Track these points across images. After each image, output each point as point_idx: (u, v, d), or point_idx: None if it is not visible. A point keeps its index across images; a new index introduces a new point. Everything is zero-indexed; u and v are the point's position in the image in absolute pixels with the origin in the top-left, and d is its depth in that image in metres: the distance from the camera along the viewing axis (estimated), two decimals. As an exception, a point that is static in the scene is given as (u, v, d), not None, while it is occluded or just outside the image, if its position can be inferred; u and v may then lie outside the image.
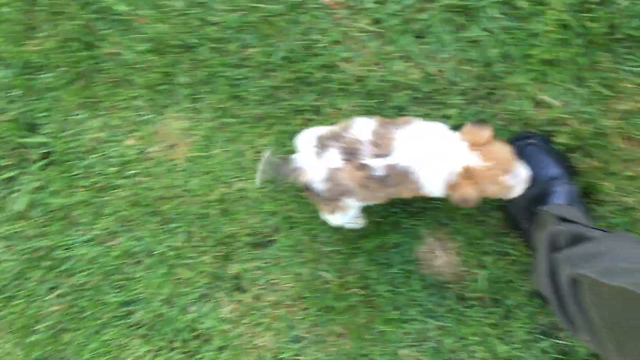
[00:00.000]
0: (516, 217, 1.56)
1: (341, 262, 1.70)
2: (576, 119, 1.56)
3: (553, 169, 1.54)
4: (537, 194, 1.54)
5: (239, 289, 1.78)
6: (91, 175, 1.84)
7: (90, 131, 1.84)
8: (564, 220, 1.35)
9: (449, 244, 1.67)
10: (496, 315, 1.62)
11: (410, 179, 1.30)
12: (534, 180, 1.53)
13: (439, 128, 1.35)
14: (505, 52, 1.60)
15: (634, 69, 1.51)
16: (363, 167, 1.30)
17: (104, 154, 1.83)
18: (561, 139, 1.55)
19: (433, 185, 1.32)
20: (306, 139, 1.41)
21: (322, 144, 1.35)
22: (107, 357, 1.83)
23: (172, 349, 1.82)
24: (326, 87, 1.69)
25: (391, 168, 1.29)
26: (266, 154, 1.41)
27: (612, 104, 1.54)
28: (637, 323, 0.89)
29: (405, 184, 1.32)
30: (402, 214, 1.69)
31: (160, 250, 1.80)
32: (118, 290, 1.84)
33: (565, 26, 1.56)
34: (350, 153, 1.31)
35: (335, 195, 1.37)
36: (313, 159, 1.36)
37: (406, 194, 1.37)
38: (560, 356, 1.58)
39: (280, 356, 1.75)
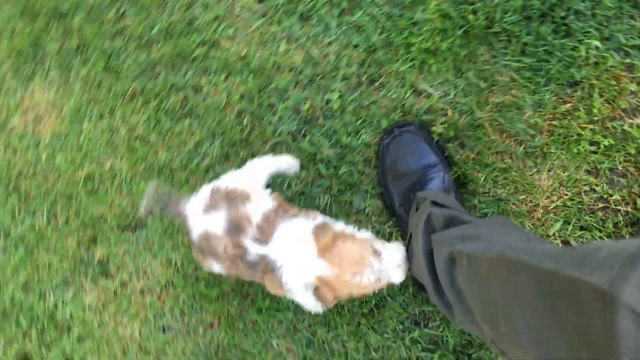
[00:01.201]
0: (393, 204, 1.57)
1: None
2: (453, 109, 1.59)
3: (430, 157, 1.56)
4: (413, 182, 1.56)
5: (105, 274, 1.70)
6: (-57, 146, 1.70)
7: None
8: (439, 205, 1.37)
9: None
10: (369, 305, 1.61)
11: (275, 275, 1.29)
12: (411, 169, 1.54)
13: (308, 227, 1.31)
14: (388, 39, 1.60)
15: (508, 62, 1.56)
16: (239, 246, 1.29)
17: (-42, 124, 1.69)
18: (438, 129, 1.58)
19: (291, 285, 1.30)
20: (205, 190, 1.37)
21: (214, 200, 1.32)
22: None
23: (28, 340, 1.70)
24: (206, 65, 1.64)
25: (263, 258, 1.29)
26: (153, 185, 1.37)
27: (487, 97, 1.58)
28: (510, 294, 0.90)
29: (271, 278, 1.31)
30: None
31: (19, 232, 1.68)
32: (-32, 274, 1.69)
33: (446, 16, 1.59)
34: (235, 228, 1.29)
35: (205, 253, 1.35)
36: (199, 209, 1.32)
37: (269, 286, 1.36)
38: (431, 346, 1.59)
39: (147, 346, 1.67)
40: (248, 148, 1.66)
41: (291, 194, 1.65)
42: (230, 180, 1.39)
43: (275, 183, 1.65)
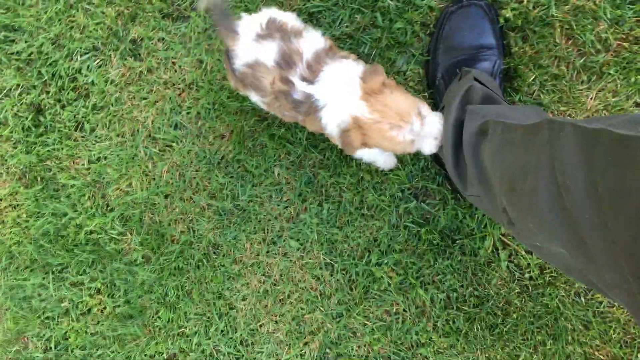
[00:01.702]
0: (435, 74, 1.55)
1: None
2: (530, -2, 1.53)
3: (489, 38, 1.55)
4: (464, 58, 1.56)
5: (135, 55, 1.72)
6: None
7: None
8: (481, 84, 1.35)
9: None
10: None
11: (317, 116, 1.31)
12: (466, 44, 1.51)
13: (356, 70, 1.30)
14: None
15: (605, -33, 1.47)
16: (287, 81, 1.30)
17: None
18: (508, 13, 1.53)
19: (330, 127, 1.32)
20: (262, 17, 1.34)
21: (269, 30, 1.32)
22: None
23: (45, 92, 1.74)
24: None
25: (308, 97, 1.30)
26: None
27: (569, -4, 1.52)
28: (545, 157, 0.96)
29: (313, 118, 1.33)
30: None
31: (63, -16, 1.66)
32: (4, 11, 1.71)
33: None
34: (286, 61, 1.29)
35: (245, 84, 1.37)
36: (252, 35, 1.31)
37: (311, 127, 1.40)
38: (421, 221, 1.65)
39: (155, 136, 1.71)
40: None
41: (339, 34, 1.62)
42: (285, 15, 1.40)
43: (325, 22, 1.61)
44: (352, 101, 1.25)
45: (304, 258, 1.81)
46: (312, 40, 1.34)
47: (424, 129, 1.28)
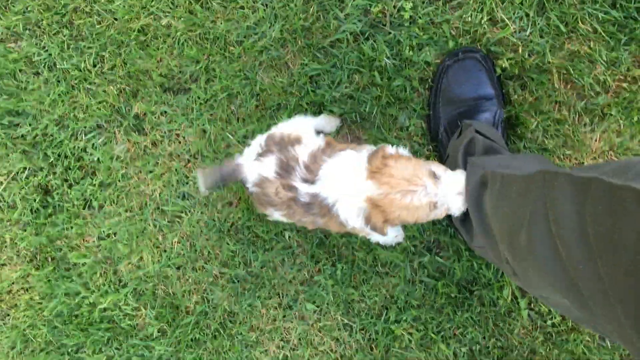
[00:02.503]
0: (437, 127, 1.59)
1: (251, 131, 1.70)
2: (525, 47, 1.58)
3: (487, 89, 1.59)
4: (464, 110, 1.59)
5: (139, 130, 1.77)
6: (6, -37, 1.73)
7: None
8: (482, 135, 1.39)
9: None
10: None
11: (333, 213, 1.33)
12: (465, 96, 1.56)
13: (360, 159, 1.33)
14: (479, -43, 1.57)
15: (596, 12, 1.54)
16: (290, 188, 1.35)
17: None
18: (504, 63, 1.58)
19: (352, 220, 1.33)
20: (262, 137, 1.45)
21: (268, 146, 1.41)
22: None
23: (52, 173, 1.78)
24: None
25: (314, 197, 1.34)
26: (200, 172, 1.45)
27: (563, 42, 1.56)
28: (539, 206, 0.97)
29: (330, 217, 1.35)
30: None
31: (64, 67, 1.76)
32: (7, 97, 1.77)
33: (544, -52, 1.55)
34: (285, 169, 1.36)
35: (263, 203, 1.44)
36: (252, 157, 1.42)
37: (335, 228, 1.42)
38: (437, 274, 1.66)
39: (164, 209, 1.75)
40: (307, 38, 1.68)
41: (339, 94, 1.67)
42: (283, 127, 1.49)
43: (325, 84, 1.67)
44: (361, 185, 1.27)
45: (322, 320, 1.82)
46: (308, 144, 1.40)
47: (442, 189, 1.26)
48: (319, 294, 1.80)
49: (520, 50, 1.67)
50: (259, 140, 1.45)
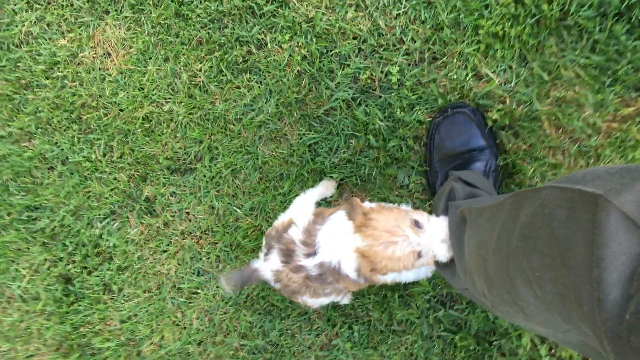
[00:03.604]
0: (435, 182, 1.68)
1: (257, 203, 1.79)
2: (512, 98, 1.67)
3: (478, 141, 1.67)
4: (458, 163, 1.66)
5: (150, 212, 1.87)
6: (17, 69, 1.89)
7: (24, 24, 1.88)
8: (468, 184, 1.47)
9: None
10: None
11: (342, 274, 1.40)
12: (457, 150, 1.65)
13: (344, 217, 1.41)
14: (457, 18, 1.69)
15: (576, 58, 1.63)
16: (299, 268, 1.44)
17: (33, 50, 1.88)
18: (494, 115, 1.66)
19: (352, 274, 1.40)
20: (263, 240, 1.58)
21: (268, 244, 1.52)
22: (1, 258, 1.90)
23: (72, 262, 1.90)
24: (274, 22, 1.76)
25: (322, 266, 1.42)
26: (221, 278, 1.57)
27: (548, 90, 1.65)
28: (504, 231, 0.99)
29: (342, 279, 1.42)
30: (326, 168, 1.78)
31: (76, 160, 1.88)
32: (25, 193, 1.91)
33: (520, 2, 1.66)
34: (288, 255, 1.46)
35: (290, 294, 1.53)
36: (262, 259, 1.54)
37: (354, 287, 1.49)
38: (454, 327, 1.71)
39: (180, 286, 1.84)
40: (302, 109, 1.79)
41: (338, 160, 1.77)
42: (279, 219, 1.59)
43: (323, 151, 1.77)
44: (350, 239, 1.33)
45: (344, 384, 1.88)
46: (299, 223, 1.49)
47: (425, 237, 1.30)
48: (339, 358, 1.86)
49: (507, 102, 1.76)
50: (263, 242, 1.56)
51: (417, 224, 1.31)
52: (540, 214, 0.82)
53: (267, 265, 1.48)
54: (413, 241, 1.28)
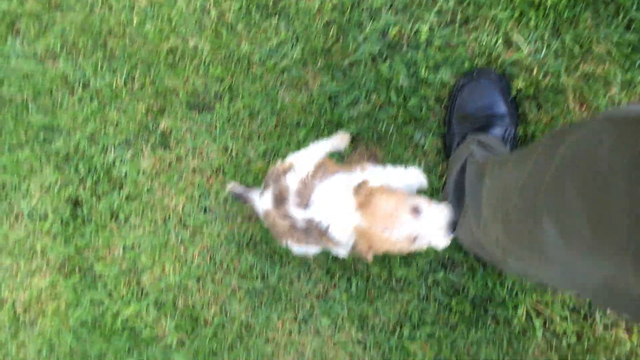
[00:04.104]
0: (452, 145, 1.69)
1: (271, 148, 1.81)
2: (540, 68, 1.67)
3: (500, 107, 1.67)
4: (477, 127, 1.66)
5: (165, 146, 1.90)
6: (48, -11, 1.92)
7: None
8: (485, 147, 1.48)
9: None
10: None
11: (329, 236, 1.41)
12: (478, 114, 1.65)
13: (349, 183, 1.42)
14: (494, -19, 1.68)
15: (610, 34, 1.61)
16: (286, 216, 1.46)
17: (66, -29, 1.91)
18: (519, 84, 1.66)
19: (344, 242, 1.42)
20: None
21: (267, 182, 1.55)
22: (14, 175, 1.94)
23: (82, 186, 1.93)
24: (308, -33, 1.76)
25: (310, 222, 1.43)
26: (231, 184, 1.65)
27: (578, 64, 1.65)
28: (534, 175, 0.98)
29: (327, 239, 1.43)
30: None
31: (97, 86, 1.90)
32: (44, 114, 1.94)
33: (559, -28, 1.64)
34: (278, 199, 1.48)
35: (274, 234, 1.56)
36: (257, 196, 1.57)
37: (333, 246, 1.49)
38: (451, 292, 1.73)
39: (186, 222, 1.88)
40: (327, 59, 1.79)
41: (357, 113, 1.78)
42: (293, 158, 1.59)
43: (343, 104, 1.79)
44: (350, 214, 1.35)
45: (336, 335, 1.91)
46: (298, 171, 1.49)
47: (423, 224, 1.32)
48: (334, 308, 1.89)
49: (535, 72, 1.75)
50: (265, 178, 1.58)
51: (416, 210, 1.33)
52: (583, 145, 0.83)
53: (261, 202, 1.51)
54: (410, 227, 1.31)
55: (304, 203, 1.43)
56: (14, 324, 2.06)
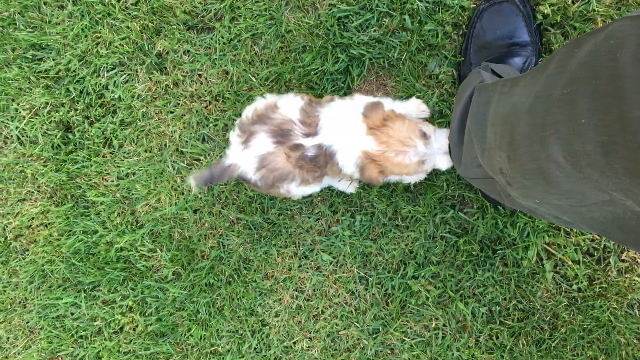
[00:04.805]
0: (468, 74, 1.59)
1: (274, 73, 1.71)
2: (569, -7, 1.55)
3: (522, 35, 1.57)
4: (496, 56, 1.57)
5: (161, 69, 1.81)
6: None
7: None
8: (498, 76, 1.38)
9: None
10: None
11: (334, 160, 1.43)
12: (498, 42, 1.54)
13: (355, 108, 1.44)
14: None
15: (649, -44, 1.48)
16: (297, 147, 1.42)
17: None
18: (546, 9, 1.54)
19: (347, 167, 1.44)
20: (234, 130, 1.51)
21: (246, 131, 1.45)
22: (1, 95, 1.86)
23: (74, 109, 1.85)
24: None
25: (319, 148, 1.42)
26: (191, 180, 1.53)
27: (611, -12, 1.53)
28: (550, 85, 0.90)
29: (331, 164, 1.45)
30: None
31: (88, 0, 1.77)
32: (32, 30, 1.83)
33: None
34: (282, 135, 1.42)
35: (271, 183, 1.48)
36: (239, 149, 1.46)
37: (331, 175, 1.50)
38: (459, 231, 1.67)
39: (183, 150, 1.80)
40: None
41: (367, 38, 1.67)
42: (250, 108, 1.51)
43: (352, 27, 1.67)
44: (360, 138, 1.39)
45: (337, 272, 1.86)
46: (290, 104, 1.46)
47: (431, 148, 1.42)
48: (336, 245, 1.84)
49: (563, -4, 1.63)
50: (233, 135, 1.50)
51: (424, 136, 1.42)
52: (602, 49, 0.74)
53: (249, 153, 1.43)
54: (421, 151, 1.40)
55: (312, 130, 1.43)
56: (4, 250, 2.03)
